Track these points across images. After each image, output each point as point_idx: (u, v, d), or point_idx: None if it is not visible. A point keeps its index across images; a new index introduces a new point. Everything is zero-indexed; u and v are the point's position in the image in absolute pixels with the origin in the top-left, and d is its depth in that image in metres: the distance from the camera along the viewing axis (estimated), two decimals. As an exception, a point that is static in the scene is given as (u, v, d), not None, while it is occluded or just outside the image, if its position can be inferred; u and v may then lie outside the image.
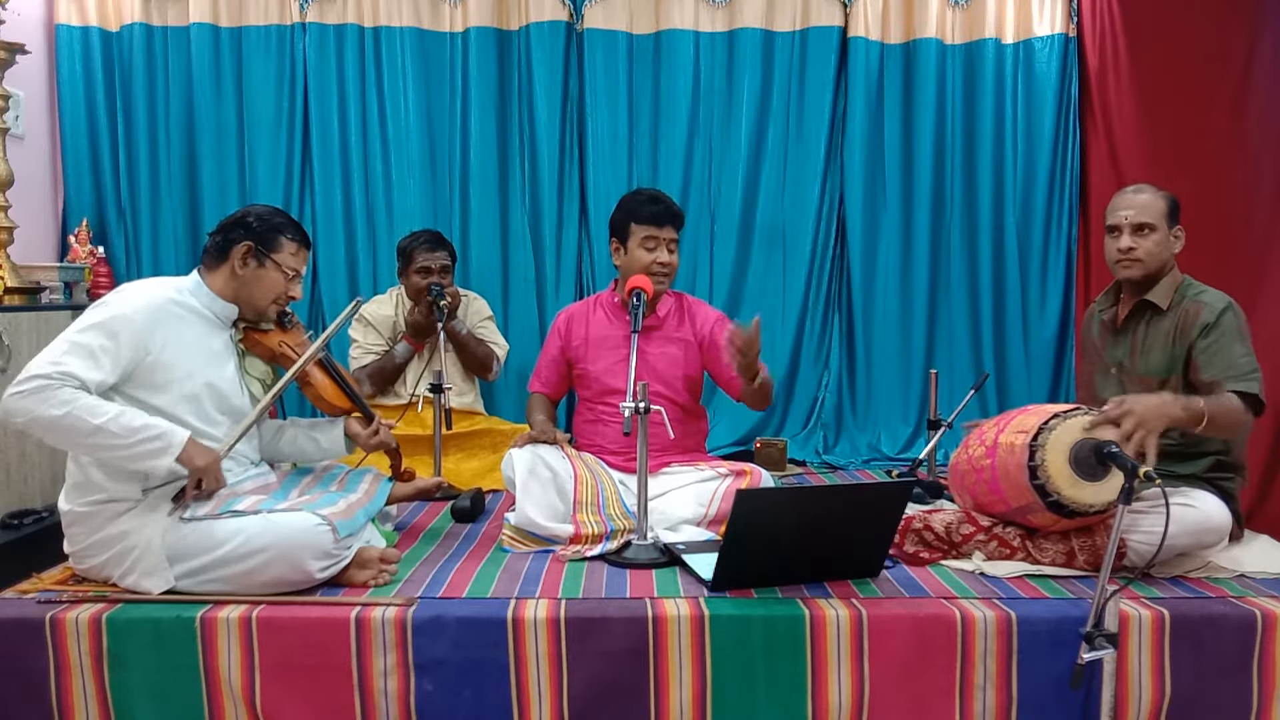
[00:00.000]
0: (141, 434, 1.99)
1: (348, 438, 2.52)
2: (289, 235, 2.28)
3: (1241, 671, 2.00)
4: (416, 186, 3.92)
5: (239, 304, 2.28)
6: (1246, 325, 2.35)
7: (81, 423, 1.94)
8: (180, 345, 2.14)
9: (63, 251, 3.75)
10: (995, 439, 2.31)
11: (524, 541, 2.48)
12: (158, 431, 2.01)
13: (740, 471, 2.68)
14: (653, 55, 3.96)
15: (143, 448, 1.99)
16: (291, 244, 2.29)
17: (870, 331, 4.05)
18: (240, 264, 2.24)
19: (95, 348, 2.00)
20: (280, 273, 2.27)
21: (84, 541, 2.10)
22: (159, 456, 2.01)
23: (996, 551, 2.30)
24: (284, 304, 2.33)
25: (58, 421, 1.94)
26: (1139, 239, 2.42)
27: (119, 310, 2.07)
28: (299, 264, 2.31)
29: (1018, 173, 3.99)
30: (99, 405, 1.97)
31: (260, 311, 2.30)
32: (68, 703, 1.96)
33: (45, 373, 1.94)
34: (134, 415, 2.01)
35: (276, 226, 2.27)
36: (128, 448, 1.99)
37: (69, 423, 1.94)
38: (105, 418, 1.96)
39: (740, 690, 1.97)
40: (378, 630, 1.95)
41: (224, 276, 2.25)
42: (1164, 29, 3.55)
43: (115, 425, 1.96)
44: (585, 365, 2.87)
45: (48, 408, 1.93)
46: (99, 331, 2.02)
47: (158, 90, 3.87)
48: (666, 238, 2.78)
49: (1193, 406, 2.13)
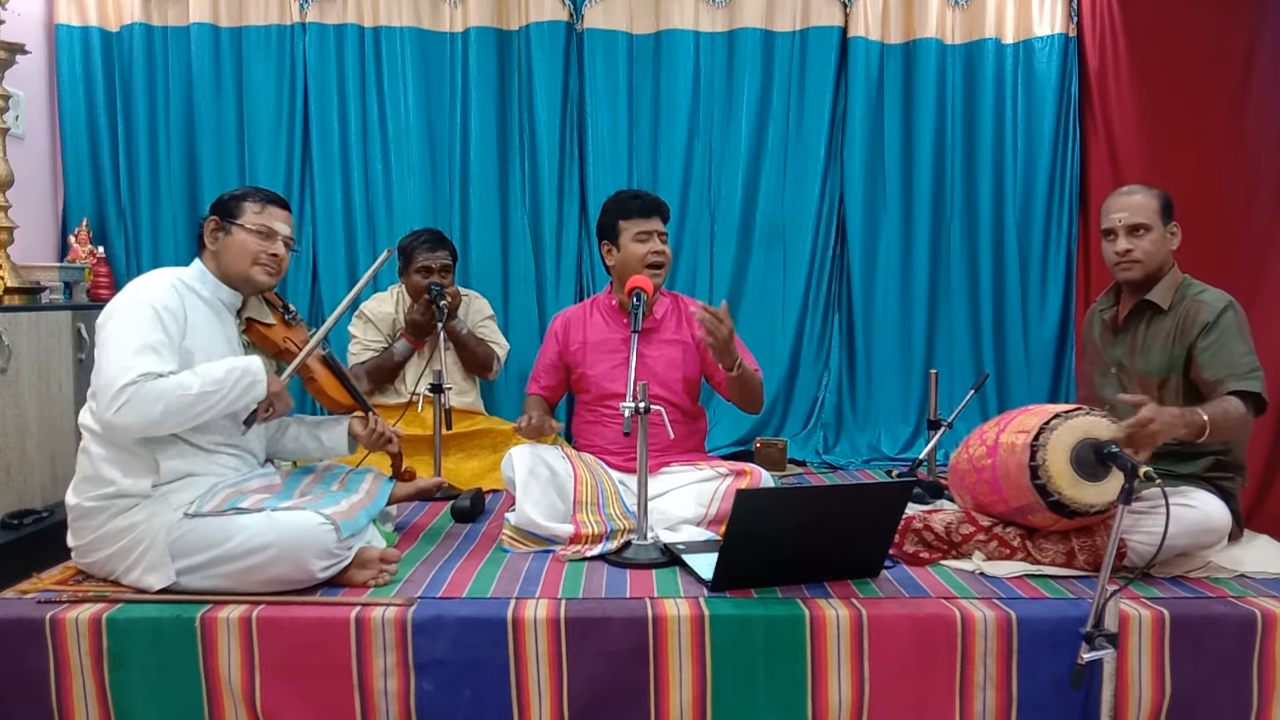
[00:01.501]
0: (230, 378, 2.11)
1: (350, 437, 2.53)
2: (249, 200, 2.30)
3: (1241, 671, 2.00)
4: (416, 186, 3.92)
5: (230, 282, 2.30)
6: (1247, 324, 2.34)
7: (181, 401, 2.04)
8: (199, 330, 2.20)
9: (63, 251, 3.75)
10: (996, 439, 2.31)
11: (524, 541, 2.48)
12: (240, 368, 2.13)
13: (740, 471, 2.68)
14: (653, 55, 3.96)
15: (239, 388, 2.12)
16: (255, 205, 2.29)
17: (870, 331, 4.04)
18: (211, 241, 2.29)
19: (155, 342, 2.08)
20: (247, 234, 2.27)
21: (89, 536, 2.11)
22: (255, 388, 2.15)
23: (996, 551, 2.30)
24: (268, 265, 2.28)
25: (163, 414, 2.03)
26: (1135, 240, 2.42)
27: (151, 302, 2.12)
28: (268, 220, 2.29)
29: (1018, 173, 3.99)
30: (181, 380, 2.06)
31: (245, 278, 2.28)
32: (68, 703, 1.96)
33: (128, 380, 2.01)
34: (207, 369, 2.11)
35: (236, 195, 2.32)
36: (228, 395, 2.11)
37: (174, 408, 2.04)
38: (196, 385, 2.06)
39: (740, 690, 1.97)
40: (378, 630, 1.95)
41: (208, 259, 2.30)
42: (1164, 29, 3.55)
43: (207, 385, 2.07)
44: (584, 369, 2.87)
45: (148, 408, 2.02)
46: (148, 327, 2.08)
47: (158, 90, 3.87)
48: (657, 229, 2.81)
49: (1195, 422, 2.12)
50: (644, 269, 2.77)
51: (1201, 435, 2.13)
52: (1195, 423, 2.12)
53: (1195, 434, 2.13)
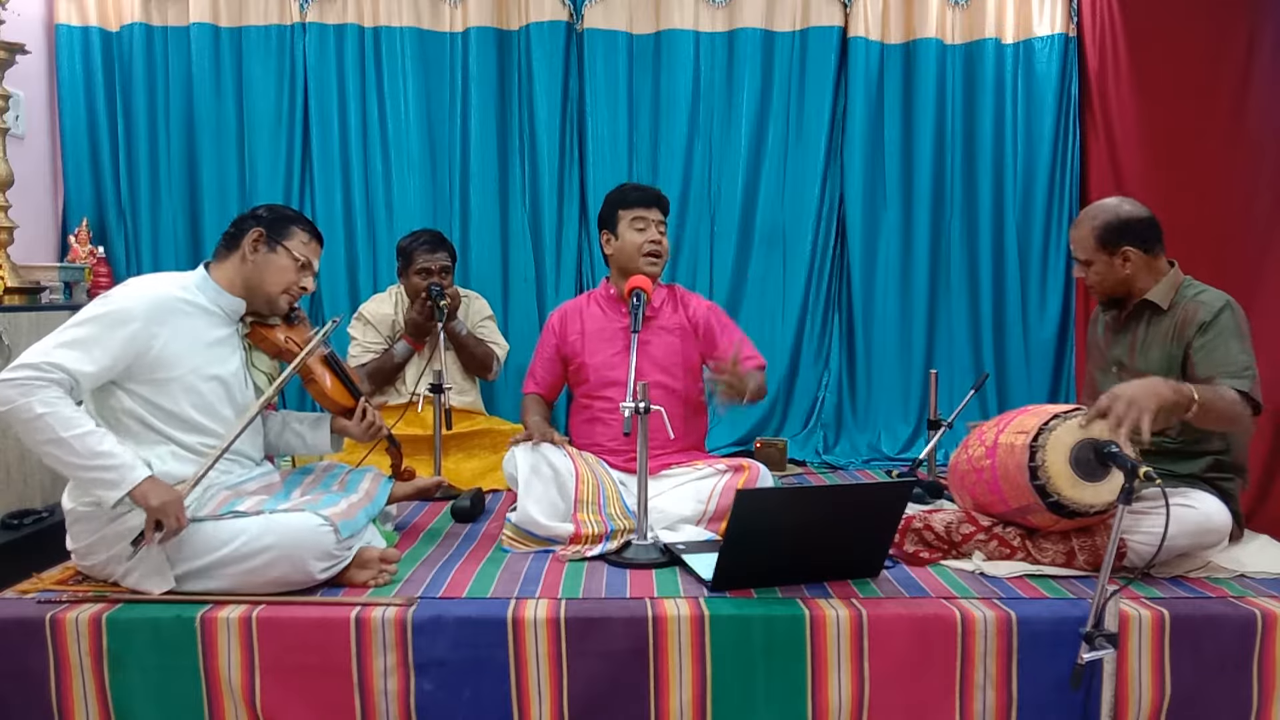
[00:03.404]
0: (99, 460, 1.94)
1: (335, 434, 2.51)
2: (300, 226, 2.32)
3: (1241, 671, 2.00)
4: (416, 186, 3.92)
5: (249, 295, 2.28)
6: (1246, 324, 2.34)
7: (50, 430, 1.91)
8: (184, 340, 2.14)
9: (63, 251, 3.75)
10: (995, 439, 2.31)
11: (524, 541, 2.48)
12: (116, 463, 1.95)
13: (739, 468, 2.68)
14: (653, 55, 3.96)
15: (95, 474, 1.94)
16: (303, 233, 2.31)
17: (870, 331, 4.05)
18: (251, 250, 2.25)
19: (89, 340, 2.00)
20: (290, 259, 2.28)
21: (86, 539, 2.10)
22: (106, 488, 1.94)
23: (996, 551, 2.30)
24: (295, 295, 2.33)
25: (33, 420, 1.91)
26: (1083, 270, 2.51)
27: (121, 304, 2.07)
28: (310, 255, 2.32)
29: (1018, 173, 4.00)
30: (76, 418, 1.94)
31: (271, 301, 2.30)
32: (68, 703, 1.96)
33: (35, 363, 1.94)
34: (104, 440, 1.96)
35: (287, 217, 2.32)
36: (82, 469, 1.94)
37: (41, 424, 1.91)
38: (74, 432, 1.92)
39: (740, 690, 1.97)
40: (378, 630, 1.95)
41: (234, 265, 2.26)
42: (1164, 29, 3.55)
43: (80, 443, 1.92)
44: (583, 358, 2.87)
45: (29, 402, 1.91)
46: (96, 324, 2.02)
47: (158, 90, 3.88)
48: (655, 219, 2.82)
49: (1182, 389, 2.10)
50: (640, 258, 2.78)
51: (1189, 406, 2.09)
52: (1182, 388, 2.09)
53: (1183, 401, 2.08)
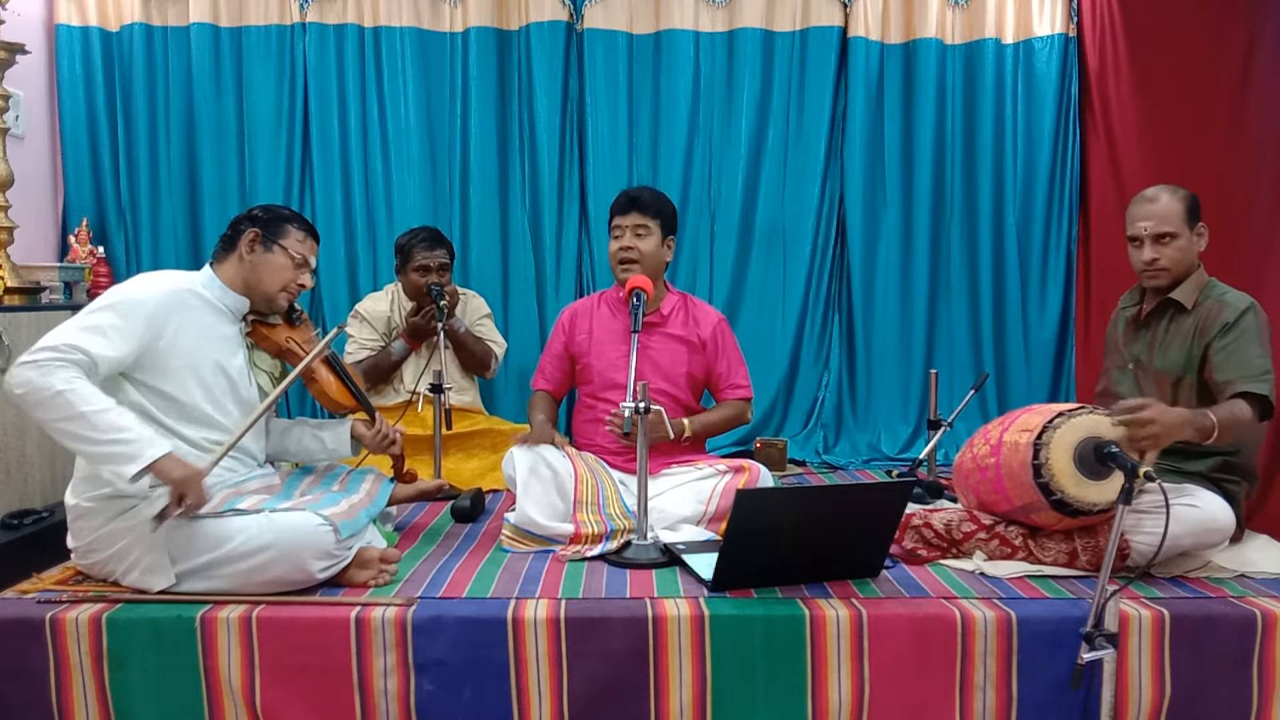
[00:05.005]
0: (118, 434, 1.92)
1: (354, 439, 2.53)
2: (295, 225, 2.34)
3: (1241, 671, 2.00)
4: (416, 186, 3.92)
5: (249, 293, 2.31)
6: (1268, 328, 2.32)
7: (70, 406, 1.90)
8: (193, 332, 2.18)
9: (63, 251, 3.75)
10: (999, 438, 2.31)
11: (524, 541, 2.48)
12: (134, 437, 1.94)
13: (739, 468, 2.68)
14: (653, 55, 3.96)
15: (113, 449, 1.92)
16: (298, 232, 2.34)
17: (870, 331, 4.05)
18: (248, 249, 2.28)
19: (107, 326, 2.03)
20: (287, 257, 2.30)
21: (88, 537, 2.10)
22: (123, 462, 1.92)
23: (998, 550, 2.30)
24: (293, 293, 2.36)
25: (52, 397, 1.90)
26: (1161, 248, 2.38)
27: (134, 294, 2.11)
28: (306, 252, 2.35)
29: (1018, 173, 4.00)
30: (96, 395, 1.94)
31: (270, 299, 2.32)
32: (68, 703, 1.96)
33: (55, 345, 1.95)
34: (124, 416, 1.96)
35: (282, 216, 2.35)
36: (100, 444, 1.92)
37: (61, 401, 1.90)
38: (94, 407, 1.91)
39: (740, 690, 1.97)
40: (378, 630, 1.95)
41: (233, 265, 2.30)
42: (1164, 29, 3.55)
43: (99, 418, 1.91)
44: (589, 359, 2.88)
45: (49, 380, 1.91)
46: (112, 311, 2.06)
47: (158, 90, 3.87)
48: (630, 224, 2.80)
49: (1203, 426, 2.12)
50: (615, 265, 2.82)
51: (1209, 438, 2.13)
52: (1204, 425, 2.12)
53: (1203, 437, 2.13)
